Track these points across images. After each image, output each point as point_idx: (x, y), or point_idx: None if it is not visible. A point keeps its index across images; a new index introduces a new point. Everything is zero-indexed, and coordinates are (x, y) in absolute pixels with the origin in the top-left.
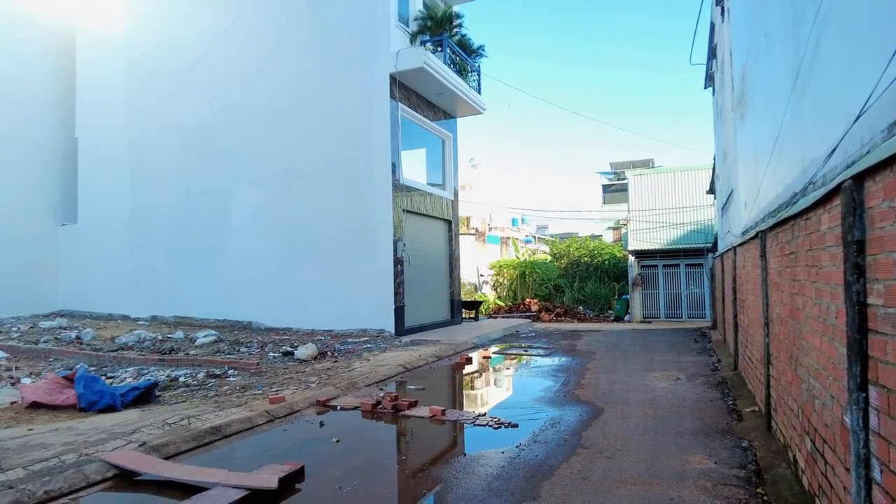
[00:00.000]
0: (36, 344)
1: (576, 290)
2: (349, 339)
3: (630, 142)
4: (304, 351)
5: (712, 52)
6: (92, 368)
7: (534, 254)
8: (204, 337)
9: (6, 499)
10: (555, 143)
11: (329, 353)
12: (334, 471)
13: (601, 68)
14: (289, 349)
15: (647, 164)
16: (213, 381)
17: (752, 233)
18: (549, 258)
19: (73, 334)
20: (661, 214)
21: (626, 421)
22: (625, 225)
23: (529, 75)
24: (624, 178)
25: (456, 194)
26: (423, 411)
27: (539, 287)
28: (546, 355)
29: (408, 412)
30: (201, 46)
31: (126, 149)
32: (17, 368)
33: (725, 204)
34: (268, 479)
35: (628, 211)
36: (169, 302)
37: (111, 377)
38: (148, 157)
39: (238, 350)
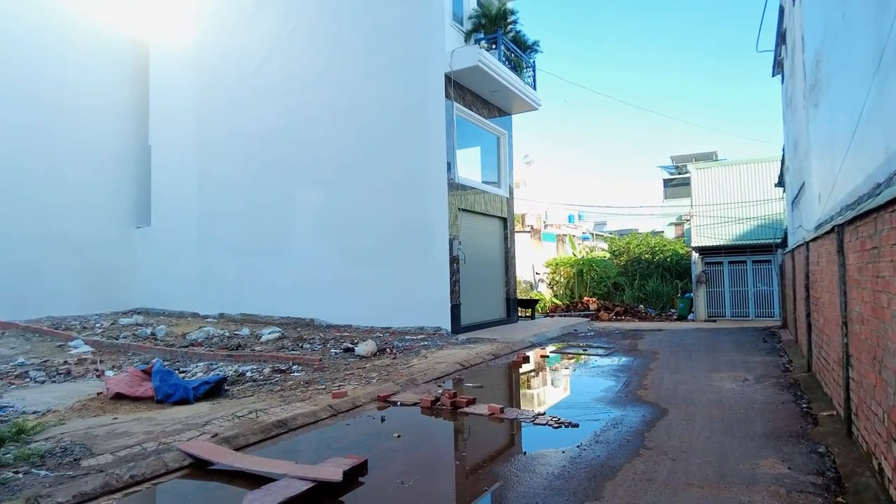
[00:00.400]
0: (116, 339)
1: (636, 288)
2: (407, 337)
3: (692, 135)
4: (364, 347)
5: (781, 38)
6: (166, 363)
7: (591, 251)
8: (269, 334)
9: (98, 481)
10: (612, 138)
11: (388, 349)
12: (396, 465)
13: (650, 72)
14: (349, 346)
15: (710, 157)
16: (279, 376)
17: (828, 227)
18: (608, 255)
19: (149, 331)
20: (726, 209)
21: (691, 422)
22: (687, 220)
23: (577, 77)
24: (686, 173)
25: (511, 192)
26: (481, 409)
27: (597, 285)
28: (606, 355)
29: (466, 409)
30: (263, 52)
31: (195, 154)
32: (101, 362)
33: (796, 197)
34: (333, 471)
35: (691, 206)
36: (235, 300)
37: (183, 371)
38: (215, 162)
39: (301, 346)
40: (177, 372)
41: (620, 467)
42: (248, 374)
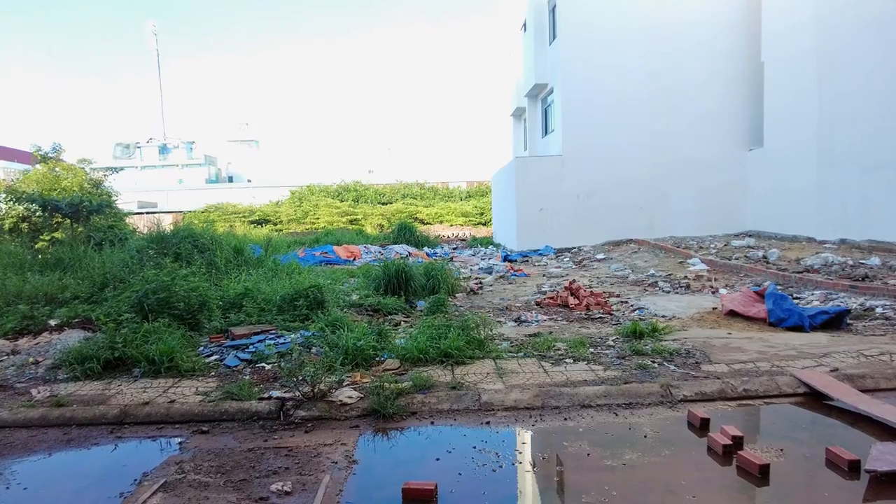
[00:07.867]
0: (728, 260)
1: None
2: None
3: None
4: None
5: None
6: (778, 287)
7: None
8: None
9: (715, 386)
10: None
11: None
12: None
13: None
14: None
15: None
16: None
17: None
18: None
19: (760, 253)
20: None
21: None
22: None
23: None
24: None
25: None
26: None
27: None
28: None
29: None
30: None
31: (813, 64)
32: (715, 280)
33: None
34: None
35: None
36: (861, 223)
37: (797, 298)
38: (838, 66)
39: None
40: (790, 297)
41: None
42: (879, 309)
